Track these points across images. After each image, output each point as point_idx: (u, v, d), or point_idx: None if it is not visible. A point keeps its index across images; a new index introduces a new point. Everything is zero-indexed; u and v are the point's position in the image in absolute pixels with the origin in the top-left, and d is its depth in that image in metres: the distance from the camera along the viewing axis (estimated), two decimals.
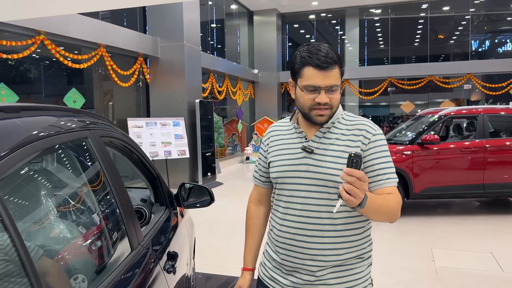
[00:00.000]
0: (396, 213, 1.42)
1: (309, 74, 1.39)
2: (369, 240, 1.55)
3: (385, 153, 1.46)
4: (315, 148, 1.46)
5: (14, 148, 0.97)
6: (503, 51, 17.52)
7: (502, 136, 6.55)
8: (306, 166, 1.46)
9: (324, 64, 1.37)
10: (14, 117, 1.10)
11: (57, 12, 5.09)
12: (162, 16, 9.22)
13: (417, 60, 17.79)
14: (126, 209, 1.52)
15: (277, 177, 1.52)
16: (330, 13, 17.90)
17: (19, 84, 7.94)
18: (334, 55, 1.39)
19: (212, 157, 9.82)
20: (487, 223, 5.80)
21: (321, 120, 1.44)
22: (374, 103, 19.74)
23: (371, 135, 1.45)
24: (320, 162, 1.44)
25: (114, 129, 1.77)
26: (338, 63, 1.40)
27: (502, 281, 3.88)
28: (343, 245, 1.45)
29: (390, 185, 1.43)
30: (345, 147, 1.44)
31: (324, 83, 1.38)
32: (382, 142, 1.46)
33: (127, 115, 8.60)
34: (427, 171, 6.08)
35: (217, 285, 3.98)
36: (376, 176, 1.43)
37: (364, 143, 1.44)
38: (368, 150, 1.44)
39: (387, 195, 1.42)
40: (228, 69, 13.29)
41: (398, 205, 1.42)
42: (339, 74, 1.41)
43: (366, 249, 1.53)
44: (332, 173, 1.41)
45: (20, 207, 1.18)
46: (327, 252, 1.44)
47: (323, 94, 1.39)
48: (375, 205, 1.32)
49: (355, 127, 1.47)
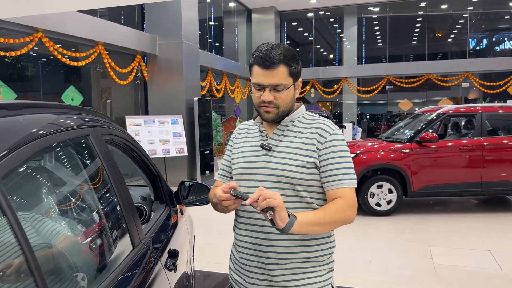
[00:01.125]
0: (344, 220, 1.41)
1: (255, 72, 1.43)
2: (329, 242, 1.52)
3: (342, 153, 1.45)
4: (274, 145, 1.49)
5: (17, 145, 0.97)
6: (500, 49, 17.56)
7: (500, 134, 6.57)
8: (264, 163, 1.48)
9: (267, 63, 1.40)
10: (16, 114, 1.10)
11: (55, 9, 5.07)
12: (160, 13, 9.20)
13: (415, 58, 17.83)
14: (128, 207, 1.52)
15: (237, 173, 1.54)
16: (328, 11, 17.91)
17: (17, 82, 7.92)
18: (280, 55, 1.40)
19: (210, 155, 9.81)
20: (485, 221, 5.82)
21: (268, 117, 1.48)
22: (372, 101, 19.75)
23: (328, 135, 1.45)
24: (276, 158, 1.46)
25: (114, 127, 1.77)
26: (284, 62, 1.41)
27: (500, 279, 3.89)
28: (298, 243, 1.43)
29: (343, 186, 1.42)
30: (301, 144, 1.46)
31: (267, 81, 1.41)
32: (338, 143, 1.46)
33: (125, 113, 8.59)
34: (425, 169, 6.10)
35: (216, 282, 3.98)
36: (329, 177, 1.43)
37: (320, 142, 1.45)
38: (323, 150, 1.44)
39: (333, 202, 1.41)
40: (226, 67, 13.28)
41: (345, 211, 1.40)
42: (286, 74, 1.42)
43: (326, 251, 1.50)
44: (286, 168, 1.43)
45: (22, 204, 1.18)
46: (280, 249, 1.43)
47: (266, 92, 1.42)
48: (307, 227, 1.33)
49: (312, 126, 1.48)
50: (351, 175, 1.45)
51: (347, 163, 1.45)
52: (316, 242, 1.48)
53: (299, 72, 1.49)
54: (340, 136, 1.48)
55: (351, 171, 1.45)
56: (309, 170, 1.44)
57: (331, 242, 1.53)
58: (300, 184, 1.44)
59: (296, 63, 1.45)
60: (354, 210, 1.44)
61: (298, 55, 1.48)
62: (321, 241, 1.49)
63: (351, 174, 1.45)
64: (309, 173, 1.44)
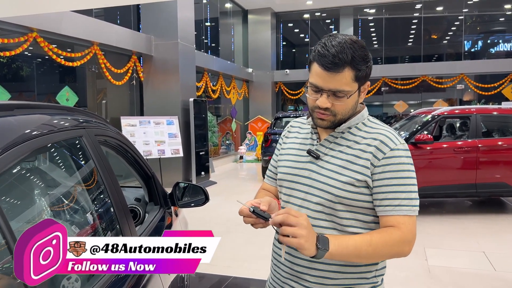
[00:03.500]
0: (394, 254, 1.19)
1: (315, 71, 1.20)
2: (376, 270, 1.28)
3: (403, 173, 1.19)
4: (323, 153, 1.28)
5: (8, 146, 0.96)
6: (495, 51, 17.66)
7: (495, 136, 6.61)
8: (309, 172, 1.28)
9: (329, 65, 1.16)
10: (8, 115, 1.09)
11: (50, 9, 5.04)
12: (156, 14, 9.18)
13: (410, 60, 17.89)
14: (121, 208, 1.52)
15: (279, 178, 1.37)
16: (324, 13, 17.94)
17: (11, 82, 7.87)
18: (347, 56, 1.15)
19: (206, 156, 9.80)
20: (479, 222, 5.85)
21: (322, 124, 1.26)
22: (367, 102, 19.72)
23: (388, 149, 1.20)
24: (322, 169, 1.25)
25: (108, 128, 1.76)
26: (351, 65, 1.16)
27: (494, 280, 3.91)
28: (335, 268, 1.24)
29: (400, 214, 1.18)
30: (353, 157, 1.22)
31: (326, 85, 1.19)
32: (400, 160, 1.20)
33: (121, 114, 8.55)
34: (420, 171, 6.10)
35: (211, 284, 3.97)
36: (384, 200, 1.19)
37: (377, 157, 1.20)
38: (379, 167, 1.19)
39: (384, 230, 1.18)
40: (222, 68, 13.26)
41: (398, 246, 1.17)
42: (351, 78, 1.18)
43: (370, 280, 1.27)
44: (331, 183, 1.22)
45: (13, 206, 1.17)
46: (313, 272, 1.24)
47: (324, 98, 1.20)
48: (341, 257, 1.14)
49: (370, 136, 1.23)
50: (412, 201, 1.19)
51: (408, 186, 1.19)
52: (359, 269, 1.25)
53: (368, 74, 1.23)
54: (404, 152, 1.21)
55: (413, 196, 1.19)
56: (357, 189, 1.21)
57: (378, 269, 1.28)
58: (342, 203, 1.22)
59: (365, 65, 1.20)
60: (410, 245, 1.18)
61: (369, 54, 1.22)
62: (362, 269, 1.26)
63: (413, 200, 1.19)
64: (356, 192, 1.21)
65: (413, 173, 1.22)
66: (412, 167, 1.22)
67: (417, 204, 1.21)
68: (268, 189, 1.50)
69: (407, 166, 1.20)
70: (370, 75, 1.25)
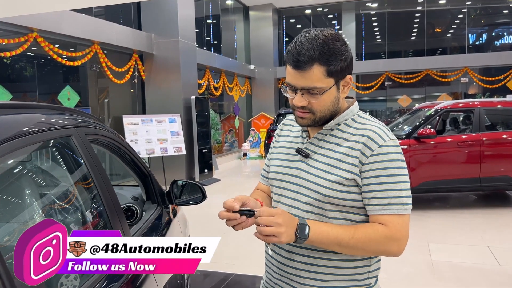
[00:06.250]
0: (381, 252, 1.17)
1: (287, 70, 1.19)
2: (368, 272, 1.24)
3: (392, 170, 1.15)
4: (312, 152, 1.25)
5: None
6: (500, 44, 17.49)
7: (499, 129, 6.54)
8: (299, 171, 1.25)
9: (297, 63, 1.14)
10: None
11: (49, 8, 5.04)
12: (157, 12, 9.17)
13: (414, 54, 17.77)
14: (113, 208, 1.50)
15: (271, 178, 1.35)
16: (326, 8, 17.85)
17: (12, 83, 7.88)
18: (314, 52, 1.12)
19: (209, 154, 9.79)
20: (483, 217, 5.80)
21: (303, 123, 1.24)
22: (371, 97, 19.69)
23: (376, 146, 1.15)
24: (312, 169, 1.23)
25: (102, 127, 1.74)
26: (320, 61, 1.12)
27: (499, 274, 3.87)
28: (325, 270, 1.20)
29: (389, 213, 1.14)
30: (342, 155, 1.19)
31: (298, 83, 1.16)
32: (390, 157, 1.15)
33: (123, 112, 8.56)
34: (424, 165, 6.07)
35: (215, 282, 3.97)
36: (372, 199, 1.16)
37: (365, 154, 1.16)
38: (367, 165, 1.15)
39: (370, 226, 1.15)
40: (224, 65, 13.24)
41: (384, 244, 1.14)
42: (322, 75, 1.14)
43: (362, 282, 1.23)
44: (320, 183, 1.19)
45: (1, 205, 1.15)
46: (302, 273, 1.22)
47: (298, 96, 1.18)
48: (327, 239, 1.13)
49: (359, 133, 1.19)
50: (402, 199, 1.14)
51: (398, 184, 1.15)
52: (351, 271, 1.22)
53: (344, 68, 1.17)
54: (394, 148, 1.17)
55: (403, 193, 1.15)
56: (346, 188, 1.17)
57: (370, 271, 1.25)
58: (331, 203, 1.19)
59: (339, 58, 1.15)
60: (399, 244, 1.14)
61: (344, 46, 1.17)
62: (353, 271, 1.22)
63: (403, 198, 1.15)
64: (346, 191, 1.18)
65: (404, 170, 1.17)
66: (403, 163, 1.17)
67: (408, 202, 1.16)
68: (263, 189, 1.48)
69: (397, 163, 1.16)
70: (349, 68, 1.21)
